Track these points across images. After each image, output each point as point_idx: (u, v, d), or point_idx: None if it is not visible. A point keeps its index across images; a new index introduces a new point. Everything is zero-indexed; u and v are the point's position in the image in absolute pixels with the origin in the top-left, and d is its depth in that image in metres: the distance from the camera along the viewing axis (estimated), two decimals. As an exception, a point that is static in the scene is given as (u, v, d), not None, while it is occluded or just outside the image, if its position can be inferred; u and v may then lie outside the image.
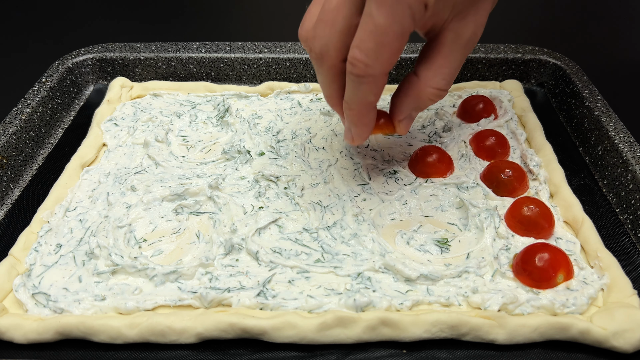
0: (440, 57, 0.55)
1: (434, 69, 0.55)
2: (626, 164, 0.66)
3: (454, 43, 0.54)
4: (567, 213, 0.62)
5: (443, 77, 0.55)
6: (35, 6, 1.24)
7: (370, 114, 0.56)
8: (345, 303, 0.52)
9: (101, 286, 0.55)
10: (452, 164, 0.68)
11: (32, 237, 0.60)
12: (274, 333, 0.50)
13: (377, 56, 0.49)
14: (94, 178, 0.68)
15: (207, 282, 0.55)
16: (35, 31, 1.14)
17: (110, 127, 0.77)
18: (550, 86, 0.87)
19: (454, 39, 0.54)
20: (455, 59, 0.55)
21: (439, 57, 0.55)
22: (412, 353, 0.51)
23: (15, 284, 0.55)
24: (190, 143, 0.74)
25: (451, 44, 0.54)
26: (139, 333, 0.50)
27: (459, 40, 0.54)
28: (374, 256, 0.57)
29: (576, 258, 0.57)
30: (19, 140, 0.72)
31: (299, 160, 0.70)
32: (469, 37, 0.54)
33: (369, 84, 0.52)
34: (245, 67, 0.89)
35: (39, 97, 0.78)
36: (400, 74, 0.89)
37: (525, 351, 0.51)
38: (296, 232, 0.60)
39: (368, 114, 0.56)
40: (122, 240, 0.59)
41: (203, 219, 0.62)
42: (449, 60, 0.55)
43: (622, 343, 0.49)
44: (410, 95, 0.58)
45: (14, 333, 0.50)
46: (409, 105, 0.59)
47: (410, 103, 0.58)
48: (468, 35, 0.54)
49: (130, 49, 0.90)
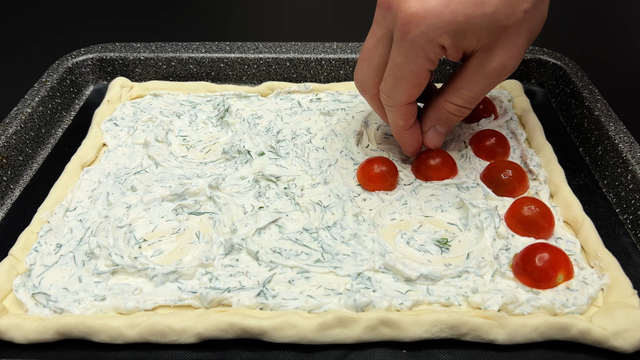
0: (462, 79, 0.59)
1: (454, 88, 0.60)
2: (626, 164, 0.66)
3: (478, 70, 0.57)
4: (567, 213, 0.62)
5: (461, 97, 0.60)
6: (35, 6, 1.24)
7: (406, 134, 0.64)
8: (345, 303, 0.52)
9: (101, 286, 0.55)
10: (455, 168, 0.67)
11: (32, 237, 0.60)
12: (274, 333, 0.50)
13: (395, 89, 0.58)
14: (94, 178, 0.68)
15: (207, 282, 0.55)
16: (35, 31, 1.14)
17: (110, 127, 0.77)
18: (550, 86, 0.87)
19: (477, 66, 0.57)
20: (477, 84, 0.59)
21: (461, 79, 0.59)
22: (412, 353, 0.51)
23: (15, 284, 0.55)
24: (190, 143, 0.74)
25: (474, 70, 0.58)
26: (139, 333, 0.50)
27: (483, 69, 0.57)
28: (374, 256, 0.57)
29: (576, 258, 0.57)
30: (19, 140, 0.72)
31: (299, 160, 0.70)
32: (494, 67, 0.57)
33: (394, 112, 0.61)
34: (245, 67, 0.89)
35: (39, 97, 0.78)
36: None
37: (525, 351, 0.50)
38: (296, 232, 0.60)
39: (404, 134, 0.64)
40: (122, 240, 0.59)
41: (203, 219, 0.62)
42: (469, 83, 0.59)
43: (622, 343, 0.49)
44: (431, 108, 0.64)
45: (14, 333, 0.50)
46: (430, 118, 0.64)
47: (431, 115, 0.64)
48: (493, 66, 0.57)
49: (130, 49, 0.90)
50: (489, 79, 0.58)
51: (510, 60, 0.57)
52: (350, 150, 0.71)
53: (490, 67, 0.57)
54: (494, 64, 0.56)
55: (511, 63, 0.57)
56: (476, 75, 0.58)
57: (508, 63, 0.57)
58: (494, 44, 0.55)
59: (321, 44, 0.90)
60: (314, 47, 0.89)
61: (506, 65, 0.57)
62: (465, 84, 0.59)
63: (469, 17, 0.52)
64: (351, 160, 0.70)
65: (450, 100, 0.61)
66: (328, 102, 0.82)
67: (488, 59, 0.56)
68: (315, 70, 0.89)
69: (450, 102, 0.61)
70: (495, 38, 0.55)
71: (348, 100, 0.81)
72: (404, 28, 0.53)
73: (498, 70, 0.57)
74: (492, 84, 0.59)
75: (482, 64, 0.57)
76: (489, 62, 0.56)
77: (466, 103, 0.60)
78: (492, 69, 0.57)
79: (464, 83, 0.59)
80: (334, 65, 0.88)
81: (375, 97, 0.63)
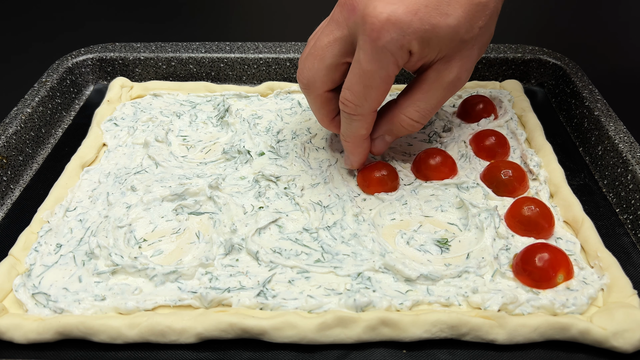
0: (419, 92, 0.60)
1: (411, 101, 0.60)
2: (626, 164, 0.66)
3: (435, 82, 0.58)
4: (567, 213, 0.62)
5: (417, 110, 0.60)
6: (35, 6, 1.24)
7: (364, 144, 0.63)
8: (345, 303, 0.52)
9: (101, 286, 0.55)
10: (455, 168, 0.67)
11: (32, 237, 0.60)
12: (274, 333, 0.50)
13: (365, 97, 0.56)
14: (94, 178, 0.68)
15: (207, 282, 0.55)
16: (35, 31, 1.14)
17: (110, 127, 0.77)
18: (550, 86, 0.87)
19: (435, 78, 0.58)
20: (434, 96, 0.59)
21: (418, 92, 0.60)
22: (412, 353, 0.51)
23: (15, 284, 0.55)
24: (190, 143, 0.74)
25: (432, 82, 0.59)
26: (139, 333, 0.50)
27: (440, 81, 0.58)
28: (374, 256, 0.57)
29: (576, 258, 0.57)
30: (19, 140, 0.72)
31: (299, 160, 0.70)
32: (451, 79, 0.58)
33: (360, 120, 0.59)
34: (245, 67, 0.89)
35: (39, 97, 0.78)
36: (399, 73, 0.89)
37: (525, 351, 0.51)
38: (296, 232, 0.60)
39: (362, 144, 0.63)
40: (122, 240, 0.59)
41: (203, 219, 0.62)
42: (427, 96, 0.59)
43: (622, 343, 0.49)
44: (385, 117, 0.63)
45: (14, 333, 0.50)
46: (382, 127, 0.64)
47: (384, 125, 0.63)
48: (450, 78, 0.58)
49: (130, 49, 0.90)
50: (445, 91, 0.59)
51: (464, 73, 0.59)
52: (350, 150, 0.71)
53: (447, 78, 0.58)
54: (450, 76, 0.58)
55: (464, 75, 0.59)
56: (434, 88, 0.59)
57: (462, 75, 0.59)
58: (452, 56, 0.57)
59: (321, 44, 0.90)
60: (314, 47, 0.89)
61: (460, 77, 0.59)
62: (423, 96, 0.59)
63: (435, 27, 0.53)
64: (351, 160, 0.70)
65: (406, 113, 0.61)
66: (328, 102, 0.82)
67: (445, 71, 0.57)
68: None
69: (406, 115, 0.61)
70: (454, 50, 0.56)
71: (348, 100, 0.81)
72: (374, 34, 0.52)
73: (454, 82, 0.58)
74: (447, 96, 0.60)
75: (439, 76, 0.58)
76: (447, 74, 0.58)
77: (421, 117, 0.61)
78: (449, 80, 0.58)
79: (421, 95, 0.59)
80: (334, 65, 0.88)
81: (320, 98, 0.61)
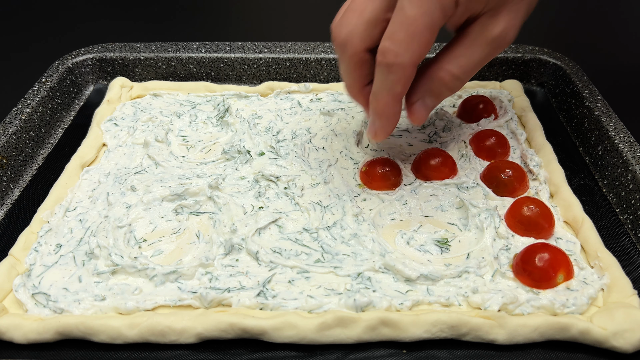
0: (461, 46, 0.55)
1: (452, 56, 0.56)
2: (626, 164, 0.66)
3: (479, 36, 0.54)
4: (567, 213, 0.62)
5: (459, 65, 0.56)
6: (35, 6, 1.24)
7: (396, 106, 0.56)
8: (345, 303, 0.52)
9: (101, 286, 0.54)
10: (455, 168, 0.67)
11: (32, 237, 0.60)
12: (274, 333, 0.50)
13: (407, 46, 0.51)
14: (94, 178, 0.68)
15: (207, 282, 0.55)
16: (35, 31, 1.14)
17: (110, 127, 0.77)
18: (550, 86, 0.87)
19: (479, 32, 0.54)
20: (477, 52, 0.55)
21: (459, 47, 0.55)
22: (412, 353, 0.51)
23: (15, 284, 0.55)
24: (190, 143, 0.74)
25: (476, 36, 0.55)
26: (138, 333, 0.50)
27: (485, 35, 0.54)
28: (374, 256, 0.57)
29: (576, 258, 0.57)
30: (19, 140, 0.72)
31: (299, 160, 0.70)
32: (497, 34, 0.54)
33: (397, 72, 0.53)
34: (245, 67, 0.89)
35: (39, 97, 0.78)
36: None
37: (526, 351, 0.51)
38: (296, 232, 0.60)
39: (394, 105, 0.56)
40: (122, 240, 0.59)
41: (203, 219, 0.62)
42: (469, 51, 0.55)
43: (622, 343, 0.49)
44: (423, 76, 0.57)
45: (14, 333, 0.50)
46: (420, 87, 0.57)
47: (422, 85, 0.57)
48: (496, 32, 0.54)
49: (130, 49, 0.90)
50: (489, 47, 0.55)
51: (512, 30, 0.55)
52: (350, 150, 0.71)
53: (492, 34, 0.54)
54: (496, 31, 0.54)
55: (511, 33, 0.55)
56: (477, 43, 0.55)
57: (509, 32, 0.55)
58: (499, 10, 0.53)
59: (321, 44, 0.90)
60: (314, 47, 0.89)
61: (507, 34, 0.55)
62: (464, 52, 0.55)
63: None
64: (351, 160, 0.70)
65: (445, 67, 0.56)
66: (328, 102, 0.82)
67: (491, 26, 0.54)
68: (315, 70, 0.89)
69: (445, 69, 0.56)
70: (502, 3, 0.53)
71: (348, 100, 0.81)
72: None
73: (499, 39, 0.55)
74: (491, 54, 0.56)
75: (484, 30, 0.54)
76: (492, 28, 0.54)
77: (463, 72, 0.56)
78: (494, 36, 0.54)
79: (463, 51, 0.55)
80: (334, 65, 0.88)
81: (356, 57, 0.55)
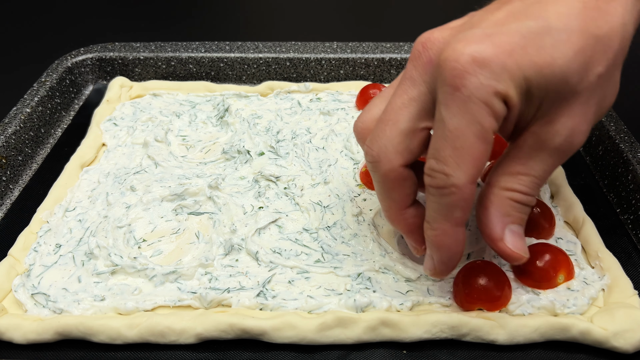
0: (517, 163, 0.45)
1: (508, 175, 0.46)
2: (627, 164, 0.66)
3: (535, 149, 0.44)
4: (567, 213, 0.62)
5: (521, 184, 0.45)
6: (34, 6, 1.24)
7: (458, 233, 0.45)
8: (346, 303, 0.52)
9: (101, 286, 0.54)
10: None
11: (32, 237, 0.60)
12: (274, 333, 0.50)
13: (457, 164, 0.42)
14: (93, 178, 0.68)
15: (206, 282, 0.55)
16: (35, 31, 1.14)
17: (110, 127, 0.77)
18: (551, 86, 0.87)
19: (534, 144, 0.44)
20: (537, 167, 0.45)
21: (514, 163, 0.45)
22: (412, 353, 0.51)
23: (15, 284, 0.55)
24: (189, 143, 0.74)
25: (531, 150, 0.44)
26: (138, 333, 0.50)
27: (542, 147, 0.44)
28: (374, 256, 0.57)
29: (577, 258, 0.57)
30: (18, 140, 0.72)
31: (299, 160, 0.70)
32: (558, 144, 0.43)
33: (452, 195, 0.42)
34: (245, 67, 0.89)
35: (39, 97, 0.78)
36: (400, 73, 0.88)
37: (526, 352, 0.50)
38: (296, 232, 0.60)
39: (455, 233, 0.45)
40: (121, 241, 0.58)
41: (203, 219, 0.62)
42: (526, 167, 0.45)
43: (622, 343, 0.49)
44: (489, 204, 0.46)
45: (13, 333, 0.50)
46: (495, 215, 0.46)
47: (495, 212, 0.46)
48: (557, 143, 0.43)
49: (129, 49, 0.90)
50: (551, 158, 0.44)
51: (577, 136, 0.43)
52: (350, 150, 0.71)
53: (552, 143, 0.43)
54: (557, 140, 0.43)
55: (577, 139, 0.43)
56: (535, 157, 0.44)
57: (574, 139, 0.43)
58: (557, 113, 0.42)
59: (321, 43, 0.90)
60: (314, 47, 0.89)
61: (572, 141, 0.43)
62: (523, 169, 0.45)
63: (538, 70, 0.40)
64: (351, 160, 0.70)
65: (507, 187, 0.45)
66: (328, 101, 0.81)
67: (549, 134, 0.43)
68: (315, 70, 0.89)
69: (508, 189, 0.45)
70: (561, 104, 0.42)
71: (348, 100, 0.81)
72: (456, 81, 0.40)
73: (563, 148, 0.43)
74: (557, 163, 0.45)
75: (540, 141, 0.43)
76: (552, 137, 0.43)
77: (529, 190, 0.46)
78: (556, 146, 0.43)
79: (521, 168, 0.45)
80: (334, 65, 0.88)
81: (393, 174, 0.46)
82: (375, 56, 0.87)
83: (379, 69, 0.88)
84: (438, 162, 0.42)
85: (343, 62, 0.88)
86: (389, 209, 0.49)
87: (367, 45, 0.89)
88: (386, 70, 0.88)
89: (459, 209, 0.43)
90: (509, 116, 0.42)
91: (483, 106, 0.40)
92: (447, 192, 0.42)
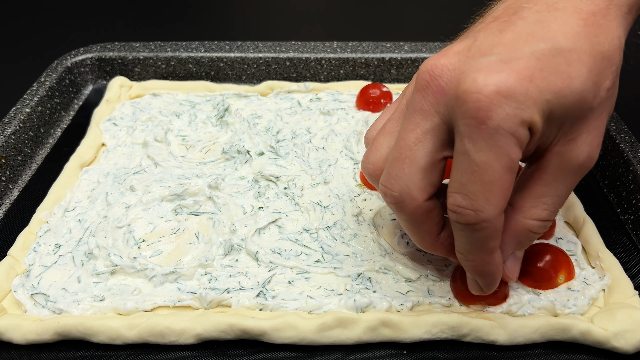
0: (541, 185, 0.45)
1: (533, 198, 0.45)
2: (627, 164, 0.66)
3: (560, 170, 0.44)
4: (568, 213, 0.62)
5: (545, 208, 0.45)
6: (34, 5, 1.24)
7: (495, 260, 0.46)
8: (346, 304, 0.52)
9: (100, 287, 0.54)
10: None
11: (31, 238, 0.60)
12: (274, 334, 0.50)
13: (487, 199, 0.41)
14: (93, 178, 0.68)
15: (206, 282, 0.55)
16: (34, 31, 1.14)
17: (110, 127, 0.77)
18: (551, 86, 0.87)
19: (559, 163, 0.44)
20: (562, 186, 0.45)
21: (539, 186, 0.45)
22: (412, 354, 0.50)
23: (14, 284, 0.55)
24: (189, 143, 0.74)
25: (556, 170, 0.44)
26: (138, 334, 0.50)
27: (568, 166, 0.44)
28: (374, 257, 0.57)
29: (577, 258, 0.57)
30: (17, 140, 0.72)
31: (299, 160, 0.70)
32: (581, 162, 0.43)
33: (484, 230, 0.42)
34: (244, 67, 0.89)
35: (38, 97, 0.78)
36: (400, 73, 0.89)
37: (526, 352, 0.50)
38: (296, 233, 0.60)
39: (493, 259, 0.45)
40: (121, 241, 0.58)
41: (202, 219, 0.62)
42: (551, 188, 0.45)
43: (623, 344, 0.49)
44: (507, 230, 0.46)
45: (12, 333, 0.50)
46: (509, 244, 0.47)
47: (510, 241, 0.47)
48: (580, 160, 0.43)
49: (129, 49, 0.90)
50: (574, 176, 0.44)
51: (595, 150, 0.43)
52: (350, 150, 0.71)
53: (576, 161, 0.43)
54: (580, 157, 0.43)
55: (595, 153, 0.44)
56: (559, 177, 0.44)
57: (594, 154, 0.43)
58: (577, 131, 0.42)
59: (321, 43, 0.90)
60: (313, 47, 0.89)
61: (592, 157, 0.43)
62: (547, 191, 0.44)
63: (558, 95, 0.40)
64: (351, 160, 0.70)
65: (531, 216, 0.45)
66: (328, 101, 0.81)
67: (573, 152, 0.43)
68: (315, 70, 0.89)
69: (531, 218, 0.45)
70: (581, 122, 0.42)
71: (348, 100, 0.81)
72: (481, 114, 0.39)
73: (584, 165, 0.43)
74: (576, 181, 0.45)
75: (564, 160, 0.43)
76: (575, 155, 0.43)
77: (551, 214, 0.46)
78: (579, 163, 0.43)
79: (546, 190, 0.44)
80: (334, 65, 0.88)
81: (420, 210, 0.45)
82: (375, 56, 0.87)
83: (379, 68, 0.88)
84: (465, 197, 0.41)
85: (343, 62, 0.88)
86: (423, 241, 0.48)
87: (367, 45, 0.89)
88: (386, 70, 0.88)
89: (492, 239, 0.43)
90: (532, 140, 0.41)
91: (510, 137, 0.39)
92: (478, 227, 0.42)
